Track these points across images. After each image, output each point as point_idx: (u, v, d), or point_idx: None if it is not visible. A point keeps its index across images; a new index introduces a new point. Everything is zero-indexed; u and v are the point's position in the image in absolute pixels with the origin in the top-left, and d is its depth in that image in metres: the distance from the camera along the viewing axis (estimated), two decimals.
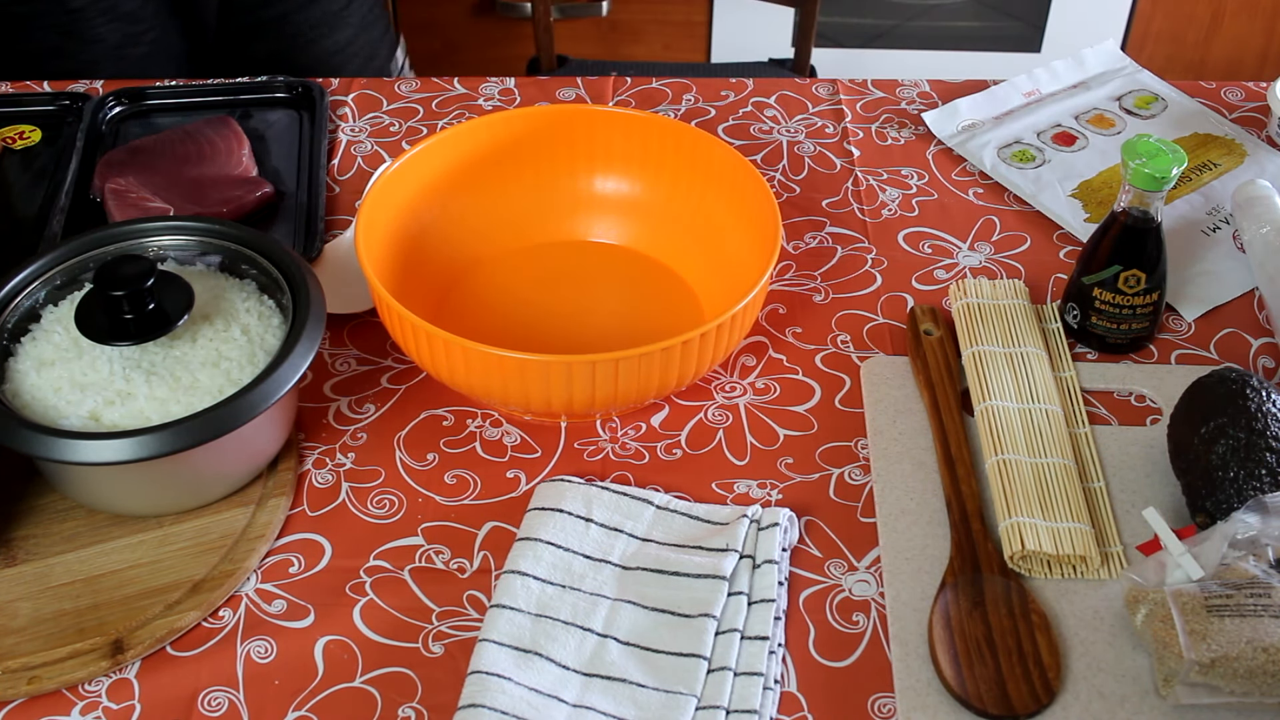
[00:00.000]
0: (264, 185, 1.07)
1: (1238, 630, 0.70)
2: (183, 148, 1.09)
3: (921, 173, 1.13)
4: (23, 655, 0.74)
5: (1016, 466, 0.84)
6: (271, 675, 0.75)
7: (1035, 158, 1.13)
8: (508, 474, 0.87)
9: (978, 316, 0.95)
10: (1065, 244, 1.05)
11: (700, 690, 0.73)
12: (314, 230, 1.03)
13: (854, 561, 0.81)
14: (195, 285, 0.84)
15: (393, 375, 0.93)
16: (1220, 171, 1.12)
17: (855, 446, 0.89)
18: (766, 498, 0.85)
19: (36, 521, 0.82)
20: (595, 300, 0.99)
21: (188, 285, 0.83)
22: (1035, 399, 0.89)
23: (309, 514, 0.84)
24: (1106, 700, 0.73)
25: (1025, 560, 0.80)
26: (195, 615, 0.77)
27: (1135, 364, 0.95)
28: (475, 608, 0.79)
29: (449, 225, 0.99)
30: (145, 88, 1.19)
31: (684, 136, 0.99)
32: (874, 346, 0.96)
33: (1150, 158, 0.88)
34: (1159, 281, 0.92)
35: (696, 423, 0.90)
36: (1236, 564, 0.74)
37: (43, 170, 1.11)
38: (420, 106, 1.20)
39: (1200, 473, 0.79)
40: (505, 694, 0.72)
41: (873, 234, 1.06)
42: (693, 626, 0.76)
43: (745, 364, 0.95)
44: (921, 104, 1.20)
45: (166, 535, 0.81)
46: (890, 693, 0.74)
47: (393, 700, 0.74)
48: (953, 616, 0.76)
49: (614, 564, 0.80)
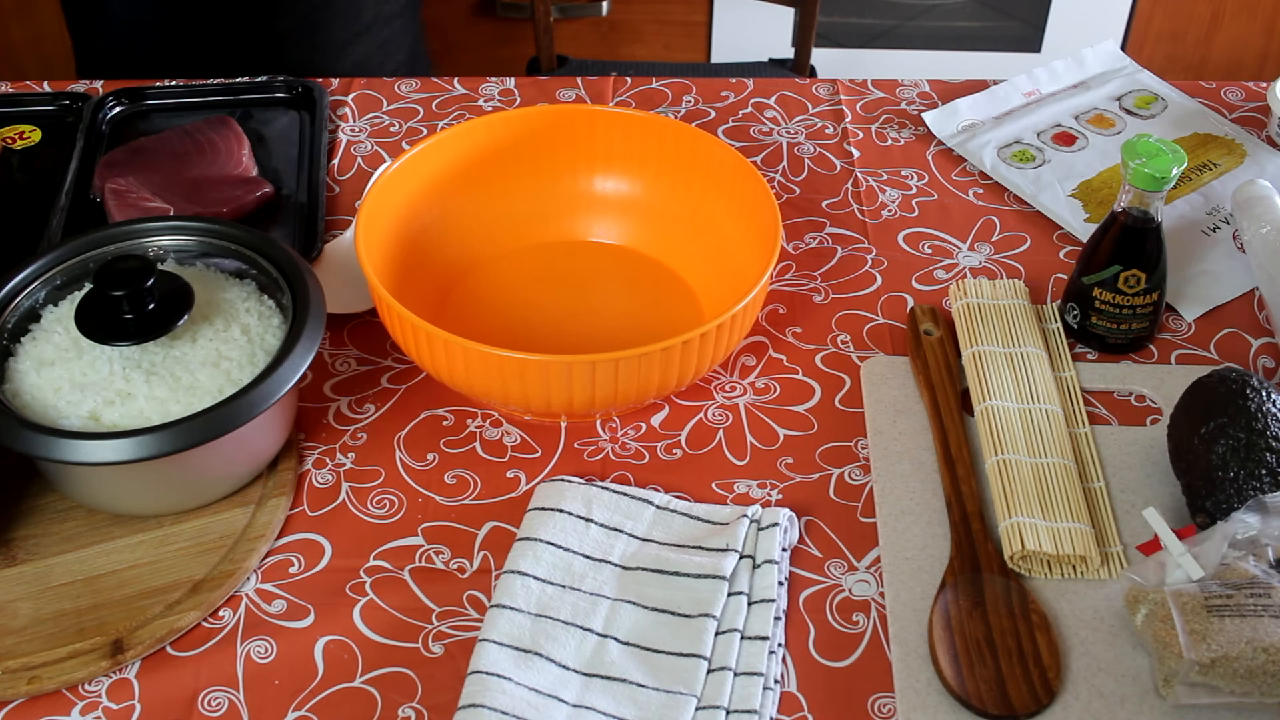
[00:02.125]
0: (264, 185, 1.07)
1: (1238, 630, 0.70)
2: (183, 148, 1.09)
3: (921, 173, 1.13)
4: (23, 655, 0.74)
5: (1016, 466, 0.84)
6: (271, 675, 0.75)
7: (1035, 158, 1.13)
8: (508, 474, 0.87)
9: (978, 316, 0.95)
10: (1065, 244, 1.05)
11: (700, 690, 0.73)
12: (314, 230, 1.03)
13: (854, 561, 0.81)
14: (195, 285, 0.84)
15: (393, 375, 0.93)
16: (1220, 171, 1.12)
17: (855, 446, 0.89)
18: (766, 498, 0.85)
19: (36, 521, 0.82)
20: (595, 300, 0.99)
21: (188, 285, 0.83)
22: (1035, 399, 0.89)
23: (309, 514, 0.84)
24: (1106, 700, 0.73)
25: (1025, 560, 0.80)
26: (195, 615, 0.77)
27: (1135, 364, 0.95)
28: (475, 608, 0.79)
29: (449, 225, 0.99)
30: (145, 88, 1.19)
31: (684, 137, 0.99)
32: (874, 346, 0.96)
33: (1150, 158, 0.88)
34: (1159, 281, 0.92)
35: (696, 423, 0.90)
36: (1236, 564, 0.74)
37: (43, 170, 1.11)
38: (420, 107, 1.20)
39: (1200, 473, 0.79)
40: (505, 694, 0.72)
41: (873, 234, 1.06)
42: (693, 626, 0.76)
43: (745, 364, 0.95)
44: (921, 104, 1.20)
45: (166, 535, 0.81)
46: (890, 693, 0.74)
47: (393, 700, 0.74)
48: (953, 616, 0.76)
49: (614, 564, 0.80)
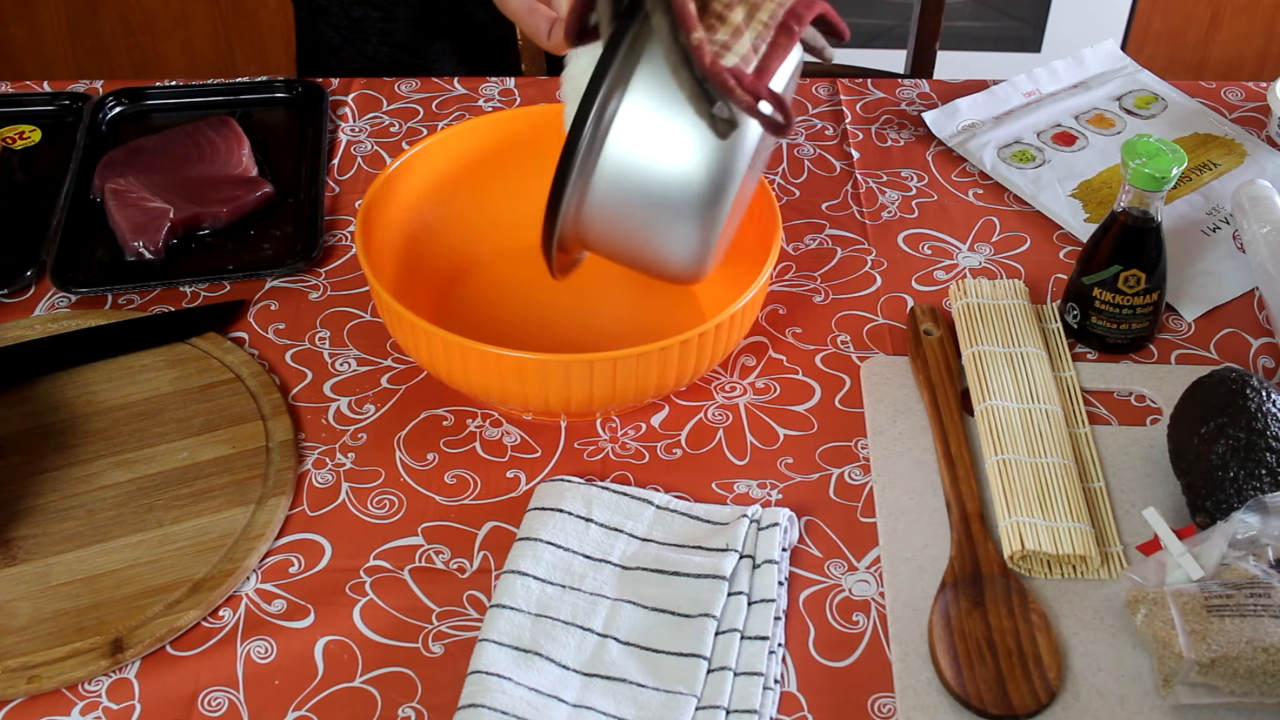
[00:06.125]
0: (264, 185, 1.07)
1: (1238, 630, 0.70)
2: (183, 148, 1.09)
3: (921, 174, 1.13)
4: (22, 654, 0.74)
5: (1016, 466, 0.84)
6: (271, 675, 0.75)
7: (1035, 158, 1.13)
8: (508, 474, 0.87)
9: (978, 316, 0.95)
10: (1065, 244, 1.05)
11: (700, 690, 0.73)
12: (314, 230, 1.03)
13: (854, 561, 0.81)
14: None
15: (393, 375, 0.93)
16: (1220, 171, 1.12)
17: (855, 446, 0.89)
18: (766, 498, 0.85)
19: (36, 521, 0.82)
20: (595, 300, 0.99)
21: None
22: (1035, 399, 0.89)
23: (309, 514, 0.84)
24: (1106, 700, 0.73)
25: (1025, 560, 0.80)
26: (195, 615, 0.77)
27: (1135, 364, 0.95)
28: (475, 608, 0.79)
29: (450, 225, 0.99)
30: (145, 88, 1.19)
31: None
32: (874, 346, 0.96)
33: (1150, 158, 0.88)
34: (1159, 281, 0.92)
35: (696, 423, 0.90)
36: (1236, 564, 0.74)
37: (43, 170, 1.11)
38: (420, 107, 1.20)
39: (1200, 473, 0.79)
40: (505, 694, 0.72)
41: (872, 235, 1.06)
42: (693, 626, 0.76)
43: (745, 364, 0.95)
44: (921, 104, 1.20)
45: (166, 535, 0.81)
46: (890, 693, 0.74)
47: (393, 700, 0.74)
48: (953, 616, 0.76)
49: (614, 564, 0.80)
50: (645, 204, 0.75)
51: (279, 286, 1.01)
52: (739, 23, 0.72)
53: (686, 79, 0.71)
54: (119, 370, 0.92)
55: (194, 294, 1.00)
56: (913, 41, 1.59)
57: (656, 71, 0.72)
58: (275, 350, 0.95)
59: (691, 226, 0.76)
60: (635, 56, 0.73)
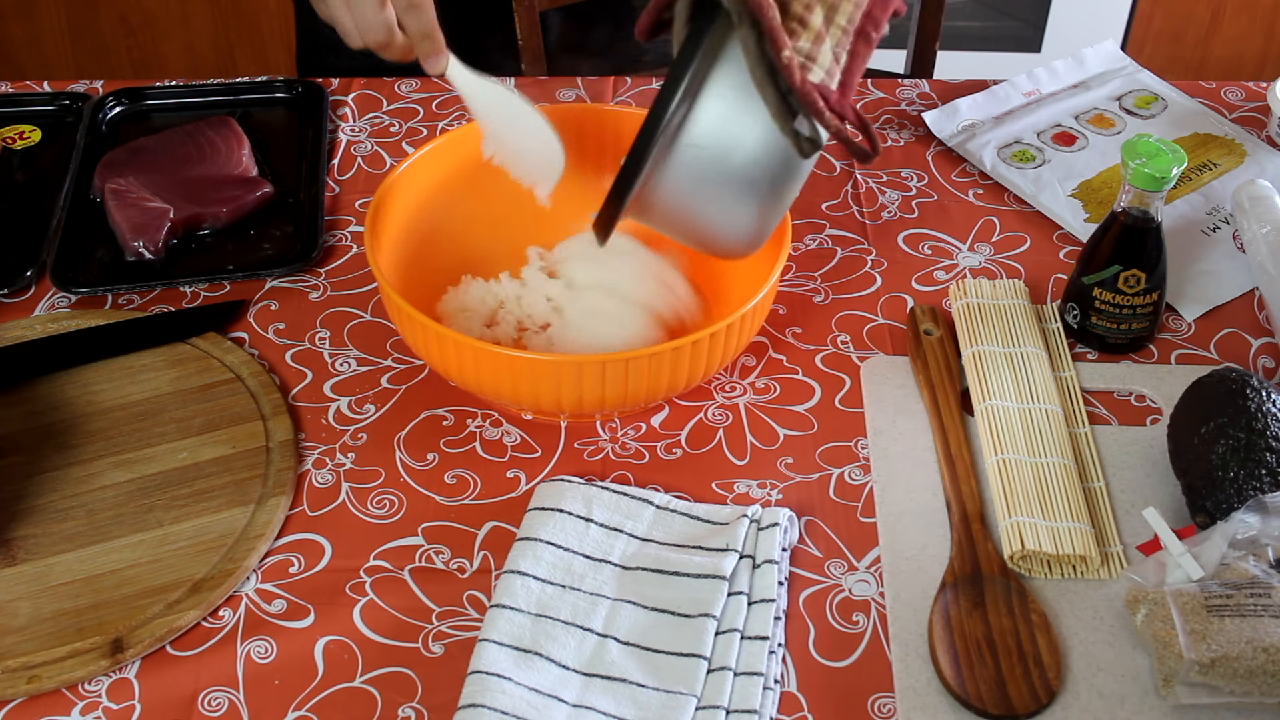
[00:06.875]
0: (264, 185, 1.07)
1: (1238, 630, 0.70)
2: (183, 148, 1.09)
3: (921, 174, 1.13)
4: (22, 654, 0.74)
5: (1016, 466, 0.84)
6: (271, 675, 0.75)
7: (1035, 158, 1.13)
8: (508, 474, 0.87)
9: (978, 316, 0.95)
10: (1065, 244, 1.05)
11: (700, 690, 0.73)
12: (314, 230, 1.03)
13: (854, 561, 0.81)
14: None
15: (393, 375, 0.93)
16: (1220, 171, 1.12)
17: (855, 446, 0.89)
18: (766, 498, 0.85)
19: (36, 521, 0.82)
20: None
21: None
22: (1035, 399, 0.89)
23: (309, 514, 0.84)
24: (1106, 700, 0.73)
25: (1025, 560, 0.80)
26: (195, 614, 0.77)
27: (1135, 364, 0.95)
28: (475, 608, 0.79)
29: (457, 225, 0.99)
30: (145, 88, 1.19)
31: None
32: (874, 346, 0.96)
33: (1150, 158, 0.87)
34: (1159, 281, 0.92)
35: (696, 423, 0.90)
36: (1236, 564, 0.74)
37: (43, 170, 1.11)
38: (420, 107, 1.19)
39: (1200, 473, 0.79)
40: (505, 694, 0.72)
41: (872, 236, 1.06)
42: (693, 626, 0.76)
43: (745, 364, 0.95)
44: (921, 104, 1.20)
45: (166, 535, 0.81)
46: (890, 693, 0.74)
47: (393, 700, 0.74)
48: (953, 616, 0.76)
49: (614, 564, 0.80)
50: (717, 185, 0.76)
51: (279, 286, 1.01)
52: (819, 27, 0.71)
53: (772, 94, 0.70)
54: (119, 370, 0.92)
55: (194, 294, 1.00)
56: (913, 41, 1.59)
57: (737, 60, 0.72)
58: (275, 350, 0.95)
59: (756, 209, 0.77)
60: (720, 42, 0.73)
